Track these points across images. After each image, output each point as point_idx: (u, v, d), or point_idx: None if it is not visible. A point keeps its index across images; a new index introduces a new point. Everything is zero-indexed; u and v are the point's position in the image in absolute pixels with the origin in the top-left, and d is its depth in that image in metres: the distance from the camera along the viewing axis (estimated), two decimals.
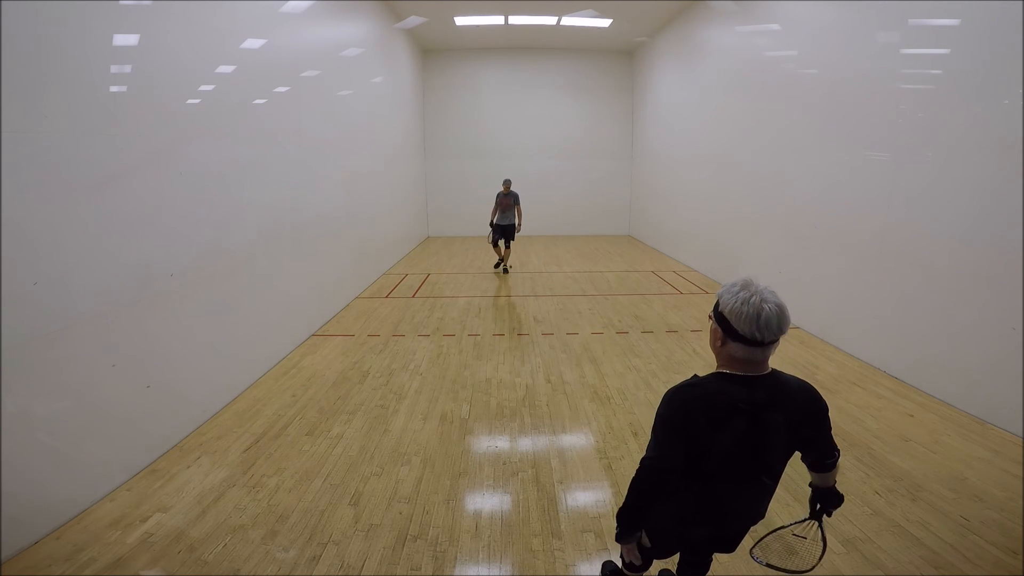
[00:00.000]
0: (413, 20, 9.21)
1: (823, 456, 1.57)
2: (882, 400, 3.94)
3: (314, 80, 5.62)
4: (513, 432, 3.56)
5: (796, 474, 3.01)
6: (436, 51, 12.11)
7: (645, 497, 1.52)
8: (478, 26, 10.26)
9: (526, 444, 3.41)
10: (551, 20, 9.91)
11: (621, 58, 12.41)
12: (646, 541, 1.65)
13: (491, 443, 3.41)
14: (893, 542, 2.45)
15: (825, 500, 1.66)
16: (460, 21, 9.91)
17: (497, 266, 8.84)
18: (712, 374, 1.45)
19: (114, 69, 2.89)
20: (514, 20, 9.93)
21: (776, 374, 1.45)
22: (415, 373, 4.53)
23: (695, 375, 1.47)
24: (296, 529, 2.58)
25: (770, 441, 1.43)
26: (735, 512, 1.57)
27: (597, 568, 2.35)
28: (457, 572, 2.34)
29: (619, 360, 4.79)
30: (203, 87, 3.66)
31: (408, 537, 2.54)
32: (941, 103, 3.90)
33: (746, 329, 1.33)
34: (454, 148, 12.60)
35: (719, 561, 2.36)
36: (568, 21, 9.97)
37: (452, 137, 12.55)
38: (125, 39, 2.95)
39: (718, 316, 1.41)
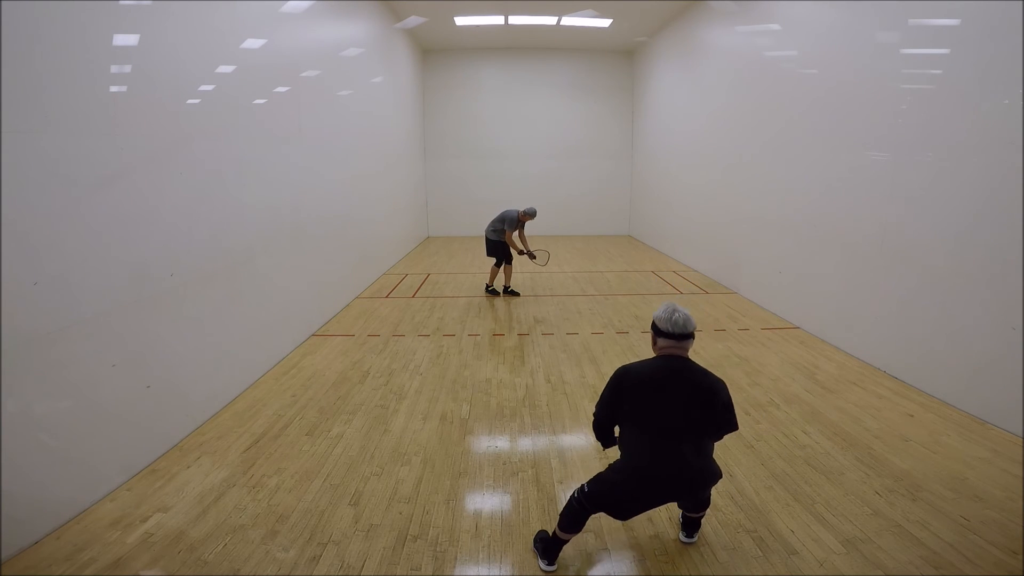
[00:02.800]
0: (413, 20, 9.21)
1: (718, 429, 2.15)
2: (882, 400, 3.94)
3: (314, 80, 5.62)
4: (513, 432, 3.56)
5: (797, 474, 3.01)
6: (436, 51, 12.11)
7: (599, 433, 2.31)
8: (478, 26, 10.26)
9: (526, 444, 3.41)
10: (551, 20, 9.91)
11: (621, 58, 12.41)
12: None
13: (491, 443, 3.41)
14: (893, 542, 2.45)
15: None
16: (460, 21, 9.90)
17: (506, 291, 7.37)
18: (649, 359, 2.21)
19: (114, 69, 2.89)
20: (514, 20, 9.93)
21: (689, 362, 2.15)
22: (415, 373, 4.53)
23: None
24: (296, 529, 2.58)
25: (682, 404, 2.07)
26: (671, 462, 2.06)
27: (597, 568, 2.35)
28: (457, 572, 2.34)
29: (619, 360, 4.78)
30: (203, 87, 3.66)
31: (408, 537, 2.54)
32: (941, 103, 3.90)
33: (667, 328, 2.14)
34: (454, 148, 12.60)
35: (719, 561, 2.36)
36: (568, 21, 9.97)
37: (452, 137, 12.55)
38: (125, 39, 2.95)
39: (652, 326, 2.22)
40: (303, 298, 5.38)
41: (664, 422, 2.05)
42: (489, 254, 7.08)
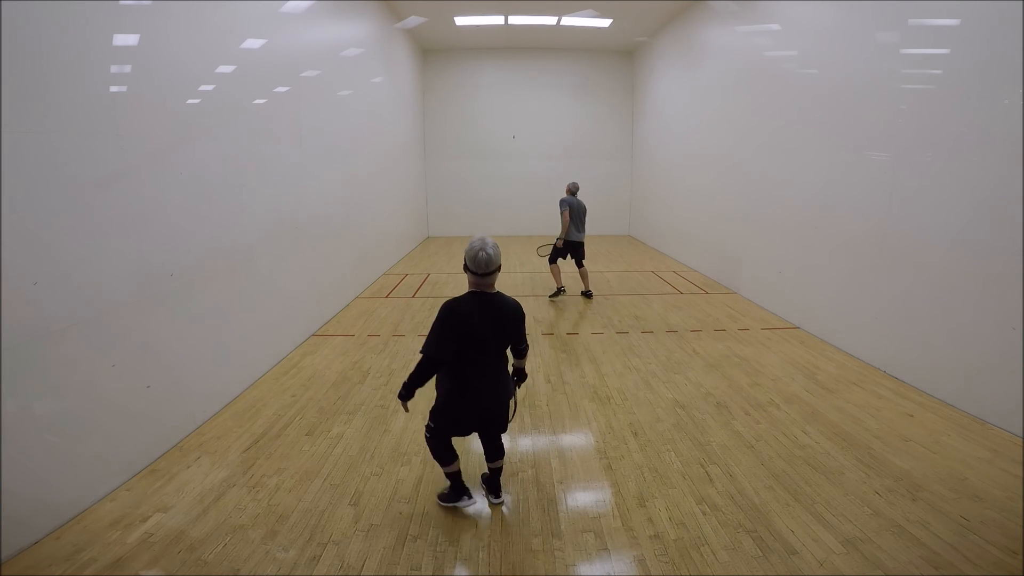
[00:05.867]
0: (413, 20, 9.21)
1: (517, 344, 2.62)
2: (882, 400, 3.93)
3: (314, 80, 5.62)
4: (513, 432, 3.55)
5: (797, 474, 3.01)
6: (436, 51, 12.11)
7: (420, 378, 2.45)
8: (478, 26, 10.26)
9: (526, 444, 3.41)
10: (551, 20, 9.91)
11: (621, 58, 12.41)
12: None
13: None
14: (893, 542, 2.45)
15: (518, 374, 2.76)
16: (460, 21, 9.90)
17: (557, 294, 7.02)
18: (465, 294, 2.48)
19: (114, 69, 2.89)
20: (514, 20, 9.93)
21: (498, 294, 2.49)
22: None
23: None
24: (296, 529, 2.58)
25: (491, 333, 2.43)
26: (488, 392, 2.51)
27: (597, 568, 2.36)
28: (457, 572, 2.34)
29: (619, 360, 4.78)
30: (203, 87, 3.66)
31: (408, 537, 2.54)
32: (941, 103, 3.90)
33: (472, 266, 2.42)
34: (454, 148, 12.60)
35: (719, 561, 2.36)
36: (568, 21, 9.97)
37: (452, 137, 12.55)
38: (125, 39, 2.94)
39: (464, 263, 2.47)
40: (303, 298, 5.38)
41: (478, 347, 2.42)
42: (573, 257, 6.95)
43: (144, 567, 2.33)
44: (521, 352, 2.68)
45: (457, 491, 2.72)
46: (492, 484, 2.81)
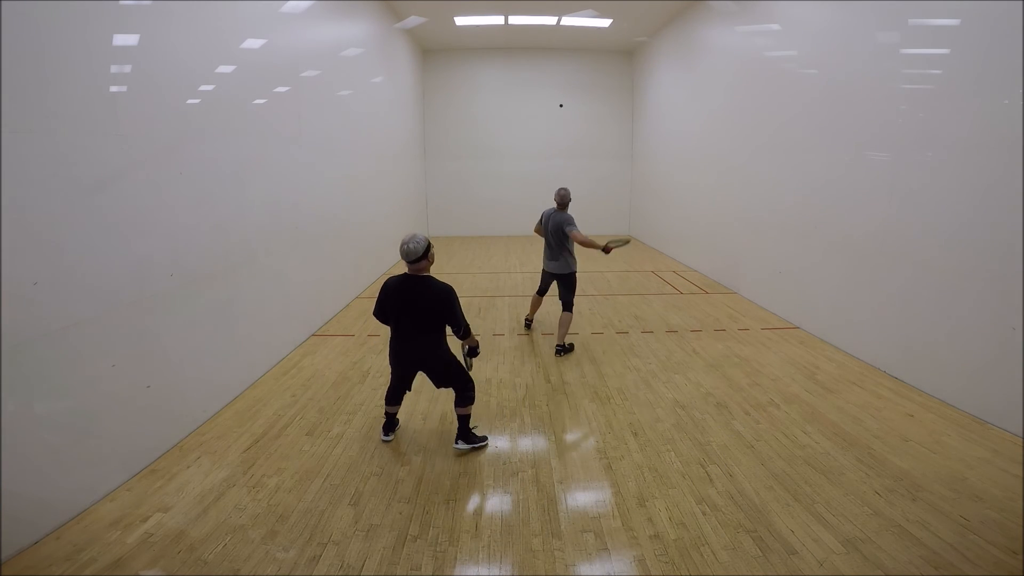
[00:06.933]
0: (413, 20, 9.21)
1: (455, 327, 3.12)
2: (882, 400, 3.93)
3: (314, 80, 5.61)
4: (513, 432, 3.56)
5: (797, 474, 3.01)
6: (436, 51, 12.11)
7: (376, 317, 3.23)
8: (478, 26, 10.26)
9: (526, 444, 3.41)
10: (551, 20, 9.91)
11: (621, 58, 12.41)
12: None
13: (491, 443, 3.40)
14: (893, 542, 2.45)
15: (471, 352, 3.35)
16: (460, 21, 9.90)
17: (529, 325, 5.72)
18: (400, 275, 3.12)
19: (114, 69, 2.89)
20: (514, 20, 9.93)
21: (428, 278, 3.07)
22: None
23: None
24: (296, 529, 2.58)
25: (416, 311, 3.06)
26: (406, 352, 3.21)
27: (597, 568, 2.36)
28: (457, 572, 2.34)
29: (619, 360, 4.78)
30: (203, 87, 3.66)
31: (408, 537, 2.54)
32: (941, 103, 3.90)
33: (402, 255, 3.03)
34: (454, 148, 12.60)
35: (719, 561, 2.36)
36: (568, 21, 9.97)
37: (452, 137, 12.55)
38: (125, 39, 2.94)
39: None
40: (303, 298, 5.38)
41: (401, 317, 3.10)
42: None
43: (144, 567, 2.33)
44: (457, 334, 3.18)
45: (386, 427, 3.46)
46: (459, 426, 3.32)
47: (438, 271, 8.90)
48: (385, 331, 5.67)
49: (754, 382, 4.29)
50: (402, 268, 3.16)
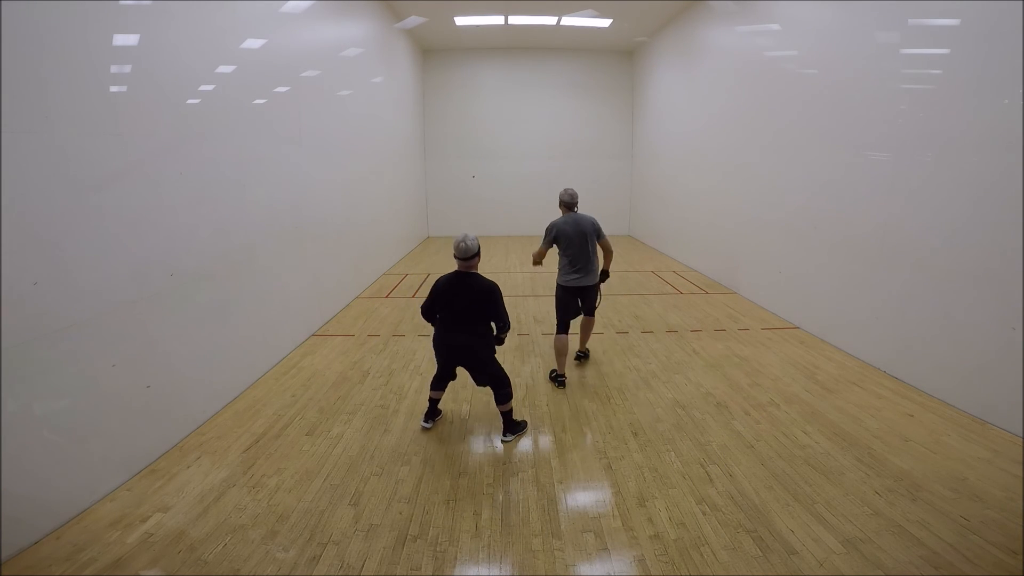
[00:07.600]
0: (413, 20, 9.20)
1: (498, 321, 3.35)
2: (882, 400, 3.93)
3: (314, 80, 5.61)
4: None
5: (797, 474, 3.01)
6: (436, 51, 12.10)
7: (424, 315, 3.41)
8: (478, 26, 10.26)
9: (526, 444, 3.41)
10: (551, 20, 9.91)
11: (621, 58, 12.40)
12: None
13: (491, 443, 3.40)
14: (893, 542, 2.45)
15: (497, 339, 3.45)
16: (460, 21, 9.90)
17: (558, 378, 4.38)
18: (452, 272, 3.34)
19: (114, 69, 2.89)
20: (514, 20, 9.93)
21: (476, 274, 3.30)
22: (415, 373, 4.53)
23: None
24: (296, 529, 2.58)
25: (465, 305, 3.25)
26: (450, 342, 3.34)
27: (597, 568, 2.36)
28: (457, 572, 2.34)
29: (619, 360, 4.78)
30: (203, 87, 3.66)
31: (408, 537, 2.54)
32: (941, 103, 3.90)
33: (455, 253, 3.27)
34: (454, 148, 12.59)
35: (719, 561, 2.36)
36: (568, 21, 9.96)
37: (452, 137, 12.54)
38: (125, 39, 2.95)
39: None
40: (303, 298, 5.38)
41: (452, 311, 3.28)
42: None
43: (144, 567, 2.33)
44: (499, 327, 3.38)
45: (427, 414, 3.62)
46: (503, 421, 3.48)
47: (438, 270, 8.99)
48: (385, 331, 5.74)
49: (754, 382, 4.29)
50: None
